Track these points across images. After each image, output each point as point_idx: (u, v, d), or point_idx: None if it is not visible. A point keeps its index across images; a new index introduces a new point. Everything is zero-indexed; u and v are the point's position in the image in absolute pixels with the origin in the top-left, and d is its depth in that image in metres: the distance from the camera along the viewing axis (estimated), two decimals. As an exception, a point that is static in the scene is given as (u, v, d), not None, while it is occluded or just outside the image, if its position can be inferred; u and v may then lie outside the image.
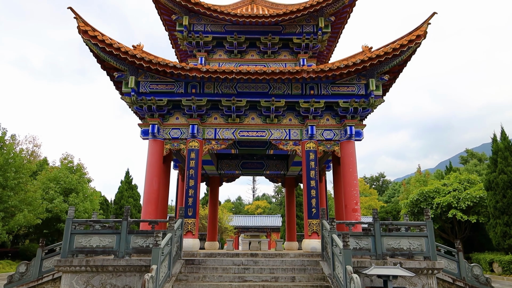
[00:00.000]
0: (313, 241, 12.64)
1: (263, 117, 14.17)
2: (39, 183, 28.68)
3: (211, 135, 13.96)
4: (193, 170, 13.34)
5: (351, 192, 13.24)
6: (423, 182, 33.27)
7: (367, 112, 13.84)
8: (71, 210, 11.23)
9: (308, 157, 13.53)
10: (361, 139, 13.95)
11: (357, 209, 13.05)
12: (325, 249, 11.09)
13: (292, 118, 14.24)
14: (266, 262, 10.98)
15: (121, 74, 13.26)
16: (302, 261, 10.99)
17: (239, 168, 19.30)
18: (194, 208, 13.00)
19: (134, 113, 14.53)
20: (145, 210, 12.98)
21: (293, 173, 19.72)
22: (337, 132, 14.01)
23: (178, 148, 13.84)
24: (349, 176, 13.40)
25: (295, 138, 13.98)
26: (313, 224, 12.85)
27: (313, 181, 13.28)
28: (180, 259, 10.90)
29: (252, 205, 69.82)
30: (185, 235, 12.68)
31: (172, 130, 13.96)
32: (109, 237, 11.01)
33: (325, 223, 11.08)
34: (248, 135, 13.99)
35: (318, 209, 13.03)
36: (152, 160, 13.49)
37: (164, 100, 13.50)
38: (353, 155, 13.62)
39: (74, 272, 10.73)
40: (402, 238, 11.10)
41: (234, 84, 13.59)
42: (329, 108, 14.09)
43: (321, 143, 13.95)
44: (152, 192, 13.19)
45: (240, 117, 14.10)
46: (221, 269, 10.41)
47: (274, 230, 44.91)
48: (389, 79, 13.81)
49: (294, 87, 13.72)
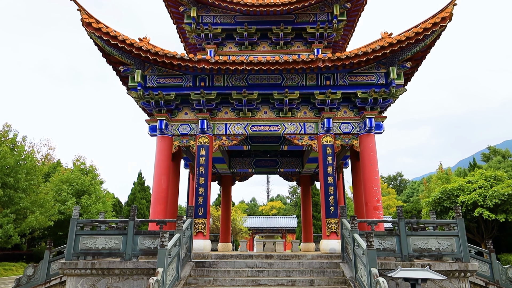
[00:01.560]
0: (332, 241, 11.79)
1: (276, 111, 13.40)
2: (51, 185, 28.59)
3: (222, 130, 13.26)
4: (203, 167, 12.67)
5: (371, 188, 12.34)
6: (445, 180, 31.91)
7: (388, 103, 12.92)
8: (76, 210, 10.69)
9: (324, 152, 12.69)
10: (382, 132, 13.04)
11: (379, 207, 12.15)
12: (345, 250, 10.24)
13: (307, 111, 13.43)
14: (282, 264, 10.21)
15: (127, 68, 12.71)
16: (320, 263, 10.17)
17: (252, 166, 18.56)
18: (205, 208, 12.31)
19: (141, 109, 13.96)
20: (153, 210, 12.37)
21: (309, 170, 18.87)
22: (355, 125, 13.13)
23: (187, 144, 13.20)
24: (370, 172, 12.50)
25: (310, 132, 13.16)
26: (331, 224, 12.00)
27: (330, 178, 12.43)
28: (190, 261, 10.23)
29: (267, 206, 68.94)
30: (196, 236, 12.00)
31: (181, 126, 13.33)
32: (115, 238, 10.42)
33: (345, 221, 10.23)
34: (260, 129, 13.25)
35: (336, 207, 12.18)
36: (160, 158, 12.88)
37: (171, 94, 12.88)
38: (373, 149, 12.72)
39: (79, 276, 10.17)
40: (430, 238, 10.16)
41: (245, 76, 12.87)
42: (346, 99, 13.23)
43: (339, 137, 13.09)
44: (160, 191, 12.58)
45: (252, 111, 13.37)
46: (233, 272, 9.68)
47: (290, 231, 43.97)
48: (411, 67, 12.86)
49: (309, 77, 12.91)
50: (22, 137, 23.86)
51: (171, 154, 13.12)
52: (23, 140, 23.61)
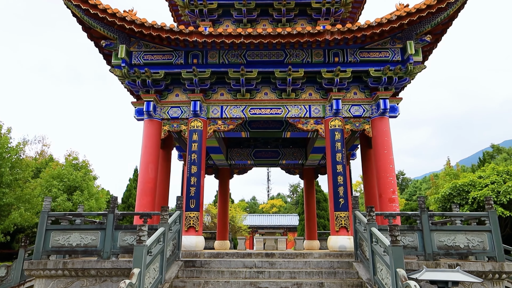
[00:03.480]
0: (342, 237, 10.35)
1: (278, 92, 11.97)
2: (42, 181, 27.22)
3: (217, 113, 11.83)
4: (195, 154, 11.23)
5: (386, 178, 10.90)
6: (453, 176, 30.57)
7: (404, 82, 11.47)
8: (47, 202, 9.27)
9: (333, 137, 11.25)
10: (397, 115, 11.61)
11: (395, 199, 10.71)
12: (359, 247, 8.80)
13: (312, 93, 11.99)
14: (285, 264, 8.77)
15: (110, 43, 11.26)
16: (330, 262, 8.72)
17: (251, 157, 17.11)
18: (198, 200, 10.88)
19: (127, 90, 12.50)
20: (139, 202, 10.93)
21: (313, 162, 17.42)
22: (367, 107, 11.69)
23: (178, 129, 11.76)
24: (384, 160, 11.07)
25: (316, 115, 11.72)
26: (341, 218, 10.56)
27: (339, 166, 10.99)
28: (177, 260, 8.79)
29: (267, 204, 67.45)
30: (187, 232, 10.58)
31: (171, 109, 11.90)
32: (92, 234, 9.00)
33: (359, 214, 8.78)
34: (260, 113, 11.81)
35: (346, 199, 10.75)
36: (147, 144, 11.45)
37: (160, 73, 11.45)
38: (388, 134, 11.28)
39: (49, 277, 8.75)
40: (457, 233, 8.73)
41: (243, 52, 11.43)
42: (357, 79, 11.79)
43: (348, 121, 11.65)
44: (147, 181, 11.14)
45: (251, 92, 11.94)
46: (228, 272, 8.25)
47: (291, 229, 42.49)
48: (429, 43, 11.40)
49: (315, 53, 11.46)
50: (7, 129, 22.40)
51: (159, 140, 11.68)
52: (8, 132, 22.13)
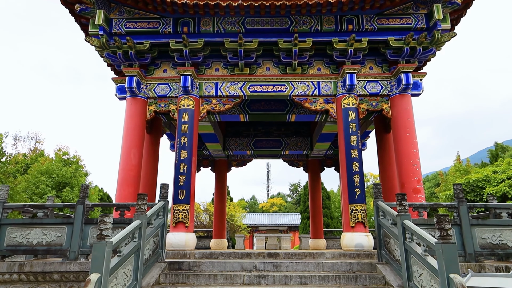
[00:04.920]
0: (359, 234, 8.73)
1: (281, 67, 10.36)
2: (30, 177, 25.63)
3: (211, 91, 10.21)
4: (186, 137, 9.61)
5: (409, 165, 9.29)
6: (464, 172, 28.99)
7: (429, 54, 9.85)
8: (3, 191, 7.64)
9: (346, 117, 9.63)
10: (420, 93, 10.00)
11: (420, 189, 9.09)
12: (384, 246, 7.18)
13: (321, 67, 10.38)
14: (293, 266, 7.14)
15: (85, 7, 9.62)
16: (348, 264, 7.10)
17: (251, 147, 15.48)
18: (188, 190, 9.26)
19: (107, 65, 10.86)
20: (119, 193, 9.29)
21: (319, 153, 15.80)
22: (385, 83, 10.08)
23: (166, 109, 10.14)
24: (406, 144, 9.45)
25: (326, 93, 10.11)
26: (357, 211, 8.94)
27: (354, 151, 9.37)
28: (160, 261, 7.16)
29: (267, 203, 65.80)
30: (175, 228, 8.96)
31: (158, 86, 10.28)
32: (57, 230, 7.40)
33: (384, 205, 7.16)
34: (261, 90, 10.19)
35: (363, 189, 9.13)
36: (130, 125, 9.83)
37: (145, 43, 9.83)
38: (410, 114, 9.67)
39: (2, 283, 7.13)
40: (504, 229, 7.13)
41: (241, 19, 9.81)
42: (373, 52, 10.18)
43: (363, 99, 10.04)
44: (129, 169, 9.51)
45: (251, 66, 10.32)
46: (222, 277, 6.62)
47: (292, 228, 40.89)
48: (458, 7, 9.78)
49: (325, 20, 9.84)
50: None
51: (144, 121, 10.06)
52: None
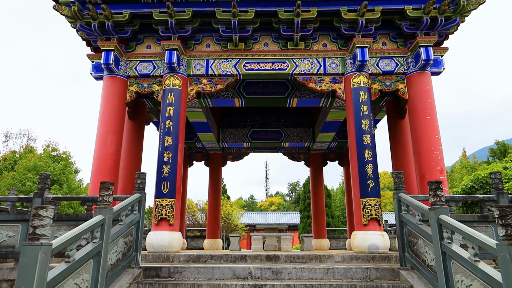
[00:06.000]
0: (373, 234, 7.45)
1: (282, 42, 9.07)
2: (16, 174, 24.32)
3: (201, 69, 8.91)
4: (171, 121, 8.31)
5: (431, 153, 8.02)
6: (471, 169, 27.84)
7: (452, 25, 8.58)
8: None
9: (356, 98, 8.34)
10: (441, 70, 8.74)
11: (444, 180, 7.81)
12: (408, 247, 5.88)
13: (327, 43, 9.09)
14: (297, 272, 5.84)
15: (55, -30, 8.32)
16: (364, 270, 5.80)
17: (248, 139, 14.19)
18: (173, 182, 7.96)
19: (83, 40, 9.50)
20: (93, 185, 7.99)
21: (321, 145, 14.53)
22: (400, 60, 8.80)
23: (149, 90, 8.84)
24: (427, 128, 8.18)
25: (333, 71, 8.82)
26: (370, 206, 7.66)
27: (367, 136, 8.09)
28: (134, 267, 5.85)
29: (266, 202, 64.50)
30: (157, 226, 7.67)
31: (141, 64, 8.98)
32: (9, 228, 6.10)
33: (409, 198, 5.86)
34: (259, 68, 8.90)
35: (377, 180, 7.85)
36: (107, 108, 8.52)
37: (124, 13, 8.53)
38: (430, 95, 8.40)
39: None
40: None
41: (235, -14, 8.51)
42: (386, 24, 8.91)
43: (376, 79, 8.77)
44: (105, 158, 8.20)
45: (246, 41, 9.03)
46: (208, 287, 5.32)
47: (292, 228, 39.56)
48: (485, -27, 8.50)
49: (332, -13, 8.56)
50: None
51: (124, 103, 8.76)
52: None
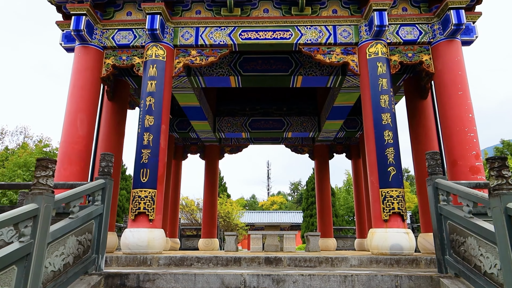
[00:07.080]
0: (396, 231, 6.12)
1: (284, 7, 7.76)
2: (5, 170, 23.20)
3: (190, 38, 7.61)
4: (153, 98, 7.01)
5: (464, 135, 6.69)
6: (483, 165, 26.50)
7: (486, -16, 7.26)
8: None
9: (374, 70, 7.02)
10: (474, 39, 7.42)
11: (480, 167, 6.50)
12: (451, 250, 4.54)
13: (338, 9, 7.77)
14: (304, 281, 4.52)
15: None
16: (394, 278, 4.47)
17: (247, 128, 12.87)
18: (154, 170, 6.66)
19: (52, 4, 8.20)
20: (58, 173, 6.67)
21: (328, 135, 13.20)
22: (424, 28, 7.48)
23: (129, 63, 7.54)
24: (458, 106, 6.85)
25: (345, 40, 7.50)
26: (391, 198, 6.34)
27: (386, 115, 6.77)
28: (93, 273, 4.54)
29: (267, 201, 63.21)
30: (134, 222, 6.37)
31: (119, 33, 7.68)
32: None
33: (453, 184, 4.52)
34: (257, 37, 7.58)
35: (399, 167, 6.52)
36: (78, 82, 7.22)
37: (100, -29, 7.25)
38: (462, 66, 7.07)
39: None
40: None
41: None
42: (407, -14, 7.59)
43: (395, 49, 7.45)
44: (74, 141, 6.90)
45: (243, 7, 7.73)
46: (188, 300, 4.01)
47: (294, 228, 38.25)
48: None
49: None
50: None
51: (99, 78, 7.46)
52: None
